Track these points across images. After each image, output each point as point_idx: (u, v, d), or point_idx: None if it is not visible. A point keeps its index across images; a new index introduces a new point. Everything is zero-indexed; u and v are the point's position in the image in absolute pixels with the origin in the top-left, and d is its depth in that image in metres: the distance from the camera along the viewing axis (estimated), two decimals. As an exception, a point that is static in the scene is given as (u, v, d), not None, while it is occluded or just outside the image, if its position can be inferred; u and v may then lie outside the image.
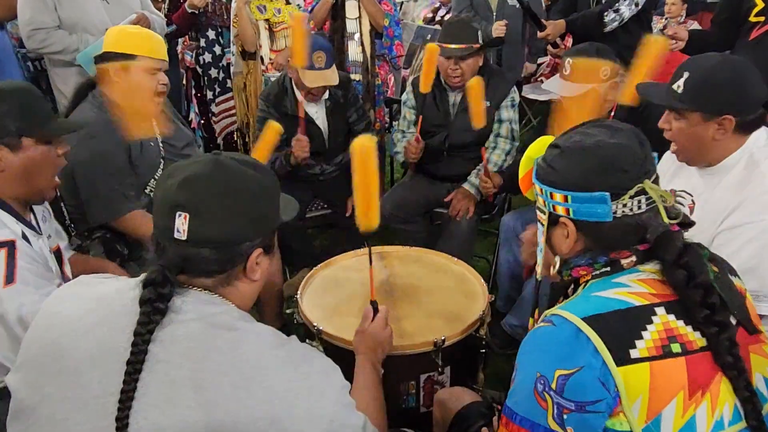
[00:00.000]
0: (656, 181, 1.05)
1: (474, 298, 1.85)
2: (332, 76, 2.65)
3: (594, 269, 1.06)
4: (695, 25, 5.16)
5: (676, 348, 0.95)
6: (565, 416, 0.95)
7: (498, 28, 3.63)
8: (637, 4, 3.09)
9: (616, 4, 3.09)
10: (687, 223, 1.07)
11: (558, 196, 1.06)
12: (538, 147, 1.19)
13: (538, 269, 1.18)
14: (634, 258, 1.04)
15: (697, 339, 0.97)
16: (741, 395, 0.97)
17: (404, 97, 2.96)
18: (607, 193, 1.01)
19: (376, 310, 1.48)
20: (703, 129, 1.49)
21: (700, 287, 0.97)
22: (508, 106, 2.77)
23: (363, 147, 1.43)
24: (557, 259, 1.10)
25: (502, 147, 2.75)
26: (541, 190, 1.10)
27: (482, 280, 1.92)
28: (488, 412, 1.36)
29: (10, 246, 1.38)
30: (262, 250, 1.02)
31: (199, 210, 0.94)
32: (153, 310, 0.91)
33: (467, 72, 2.66)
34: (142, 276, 0.96)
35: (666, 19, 5.36)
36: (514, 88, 2.81)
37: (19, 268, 1.38)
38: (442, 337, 1.61)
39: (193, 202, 0.94)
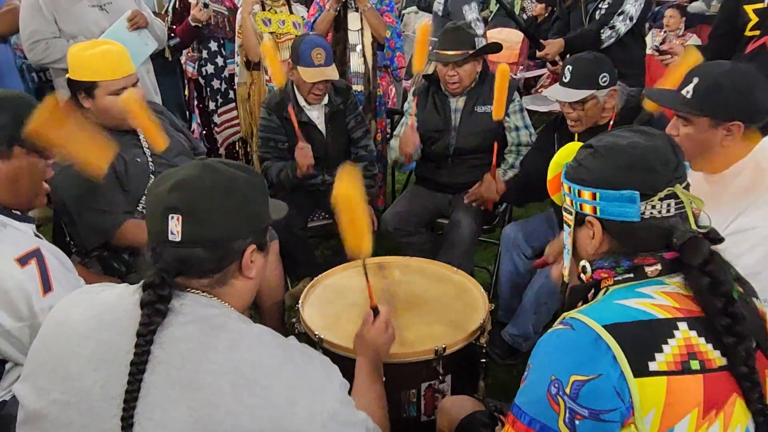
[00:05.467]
0: (687, 189, 1.04)
1: (474, 308, 1.85)
2: (332, 73, 2.67)
3: (616, 273, 1.04)
4: (694, 38, 5.21)
5: (695, 365, 0.94)
6: (577, 422, 0.94)
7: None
8: (631, 18, 3.14)
9: (611, 21, 3.14)
10: (717, 239, 1.05)
11: (586, 194, 1.06)
12: (568, 152, 1.19)
13: (565, 272, 1.17)
14: (658, 266, 1.02)
15: (716, 358, 0.96)
16: (753, 408, 0.96)
17: (406, 106, 2.99)
18: (637, 192, 1.01)
19: (377, 315, 1.45)
20: (711, 135, 1.48)
21: (722, 296, 0.96)
22: (517, 111, 2.77)
23: (347, 197, 1.33)
24: (583, 264, 1.09)
25: (524, 153, 2.76)
26: (570, 188, 1.10)
27: (482, 290, 1.93)
28: (490, 421, 1.36)
29: (38, 255, 1.39)
30: (255, 247, 1.04)
31: (192, 210, 0.97)
32: (154, 311, 0.93)
33: (465, 78, 2.69)
34: (142, 281, 0.98)
35: (665, 32, 5.40)
36: (516, 93, 2.82)
37: (51, 272, 1.40)
38: (443, 345, 1.62)
39: (185, 203, 0.97)
